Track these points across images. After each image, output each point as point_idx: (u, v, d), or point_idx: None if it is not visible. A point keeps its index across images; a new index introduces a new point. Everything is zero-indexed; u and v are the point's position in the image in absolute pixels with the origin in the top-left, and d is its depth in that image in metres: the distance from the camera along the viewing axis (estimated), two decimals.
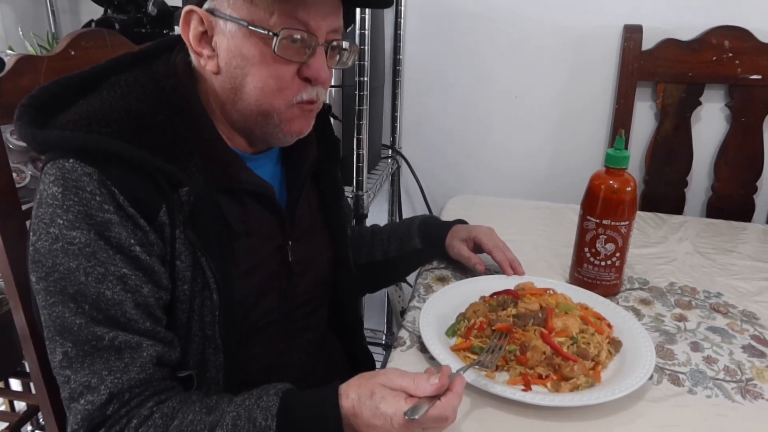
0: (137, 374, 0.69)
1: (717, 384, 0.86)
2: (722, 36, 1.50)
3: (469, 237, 1.11)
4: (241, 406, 0.69)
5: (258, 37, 0.73)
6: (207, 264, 0.73)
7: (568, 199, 1.57)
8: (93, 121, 0.69)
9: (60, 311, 0.68)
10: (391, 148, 1.78)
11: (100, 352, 0.68)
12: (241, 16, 0.73)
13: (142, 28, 1.49)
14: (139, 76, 0.78)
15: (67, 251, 0.67)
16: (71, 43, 1.00)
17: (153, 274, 0.71)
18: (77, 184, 0.67)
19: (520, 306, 0.93)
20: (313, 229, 0.94)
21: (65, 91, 0.75)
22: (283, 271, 0.87)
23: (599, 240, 1.04)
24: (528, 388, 0.81)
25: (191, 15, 0.75)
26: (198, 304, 0.75)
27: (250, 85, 0.75)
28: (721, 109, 1.59)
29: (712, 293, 1.12)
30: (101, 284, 0.68)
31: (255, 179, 0.82)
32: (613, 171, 1.03)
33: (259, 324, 0.85)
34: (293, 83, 0.76)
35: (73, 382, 0.68)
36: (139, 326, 0.70)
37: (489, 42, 1.67)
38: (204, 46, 0.76)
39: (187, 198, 0.72)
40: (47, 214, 0.68)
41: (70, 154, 0.68)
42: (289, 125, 0.79)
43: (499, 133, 1.76)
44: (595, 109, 1.66)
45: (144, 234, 0.70)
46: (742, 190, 1.60)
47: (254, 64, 0.74)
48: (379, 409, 0.67)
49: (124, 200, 0.68)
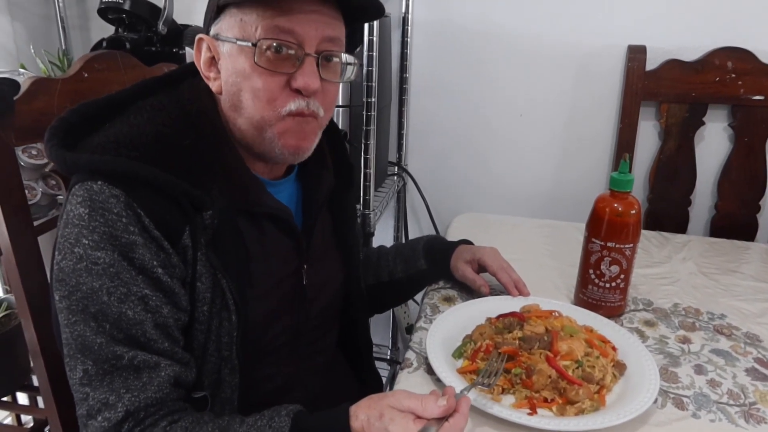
0: (154, 393, 0.70)
1: (720, 408, 0.87)
2: (725, 57, 1.51)
3: (474, 258, 1.12)
4: (253, 426, 0.71)
5: (247, 51, 0.76)
6: (227, 286, 0.75)
7: (572, 217, 1.57)
8: (121, 145, 0.71)
9: (81, 330, 0.70)
10: (397, 166, 1.80)
11: (120, 371, 0.70)
12: (233, 35, 0.76)
13: (152, 47, 1.51)
14: (165, 100, 0.80)
15: (91, 271, 0.69)
16: (85, 66, 1.02)
17: (173, 295, 0.73)
18: (104, 206, 0.69)
19: (526, 329, 0.94)
20: (327, 252, 0.96)
21: (93, 113, 0.77)
22: (297, 294, 0.89)
23: (604, 262, 1.05)
24: (534, 411, 0.81)
25: (201, 42, 0.80)
26: (216, 324, 0.76)
27: (245, 100, 0.77)
28: (724, 129, 1.60)
29: (715, 315, 1.13)
30: (123, 304, 0.69)
31: (275, 203, 0.83)
32: (617, 194, 1.04)
33: (272, 345, 0.86)
34: (282, 94, 0.77)
35: (92, 399, 0.70)
36: (158, 346, 0.72)
37: (494, 61, 1.69)
38: (211, 70, 0.80)
39: (210, 221, 0.74)
40: (73, 234, 0.70)
41: (98, 176, 0.70)
42: (283, 138, 0.79)
43: (505, 151, 1.77)
44: (599, 128, 1.68)
45: (167, 256, 0.72)
46: (745, 210, 1.61)
47: (245, 77, 0.76)
48: (388, 431, 0.68)
49: (150, 222, 0.70)
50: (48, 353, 0.97)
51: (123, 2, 1.44)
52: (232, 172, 0.79)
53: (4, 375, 1.42)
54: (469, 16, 1.67)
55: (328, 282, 0.95)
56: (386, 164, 1.73)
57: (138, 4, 1.46)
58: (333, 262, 0.97)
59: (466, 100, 1.75)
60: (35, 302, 0.94)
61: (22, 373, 1.48)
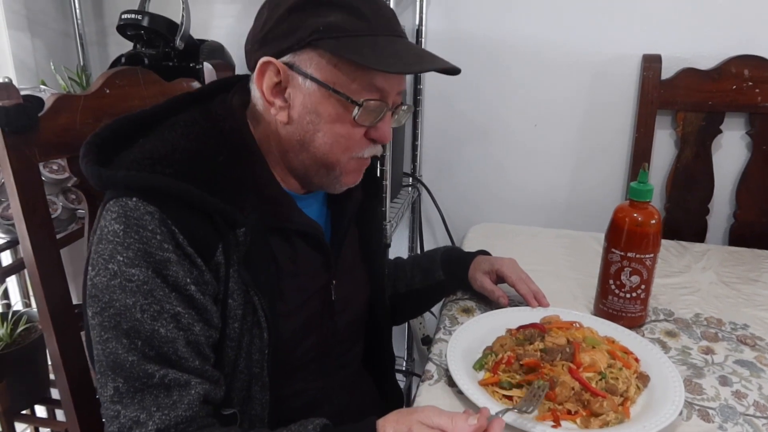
0: (184, 411, 0.70)
1: (747, 420, 0.86)
2: (741, 65, 1.50)
3: (492, 269, 1.12)
4: None
5: (337, 99, 0.76)
6: (259, 303, 0.75)
7: (589, 227, 1.57)
8: (156, 162, 0.72)
9: (113, 347, 0.70)
10: (411, 176, 1.80)
11: (150, 389, 0.70)
12: (323, 77, 0.75)
13: (169, 62, 1.53)
14: (197, 116, 0.80)
15: (125, 288, 0.69)
16: (106, 82, 1.04)
17: (205, 312, 0.73)
18: (139, 222, 0.69)
19: (547, 340, 0.93)
20: (354, 267, 0.96)
21: (127, 129, 0.78)
22: (325, 310, 0.89)
23: (624, 272, 1.04)
24: (558, 424, 0.81)
25: (268, 65, 0.77)
26: (247, 342, 0.76)
27: (320, 140, 0.78)
28: (741, 137, 1.59)
29: (738, 325, 1.11)
30: (156, 322, 0.70)
31: (306, 220, 0.84)
32: (636, 204, 1.03)
33: (301, 361, 0.87)
34: (360, 142, 0.80)
35: (123, 417, 0.69)
36: (189, 364, 0.72)
37: (507, 71, 1.69)
38: (277, 96, 0.79)
39: (243, 238, 0.74)
40: (107, 250, 0.70)
41: (133, 193, 0.70)
42: (347, 177, 0.83)
43: (520, 162, 1.77)
44: (615, 137, 1.67)
45: (200, 273, 0.72)
46: (765, 218, 1.59)
47: (328, 122, 0.77)
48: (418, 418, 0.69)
49: (183, 239, 0.70)
50: (70, 366, 0.97)
51: (142, 19, 1.46)
52: (264, 189, 0.79)
53: (24, 388, 1.43)
54: (483, 27, 1.67)
55: (354, 296, 0.96)
56: (401, 175, 1.74)
57: (156, 21, 1.47)
58: (359, 277, 0.98)
59: (480, 109, 1.75)
60: (58, 316, 0.95)
61: (41, 386, 1.49)
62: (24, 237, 0.90)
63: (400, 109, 0.84)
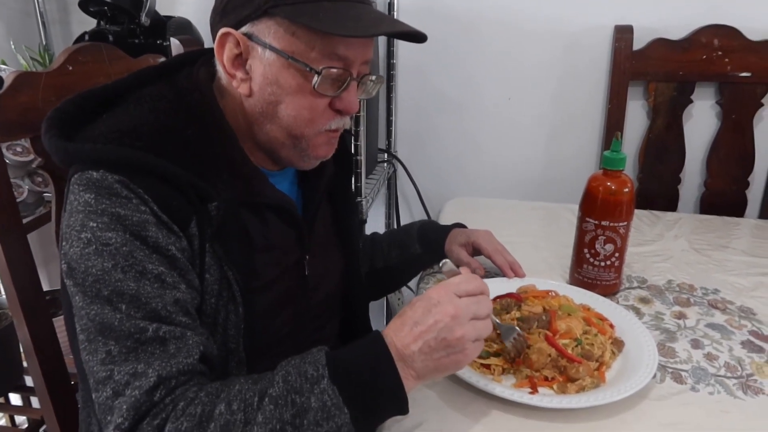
0: (185, 358, 0.66)
1: (719, 380, 0.88)
2: (711, 35, 1.52)
3: (468, 242, 1.12)
4: (288, 365, 0.68)
5: (297, 69, 0.74)
6: (233, 278, 0.74)
7: (564, 198, 1.58)
8: (124, 135, 0.69)
9: (98, 310, 0.66)
10: (386, 152, 1.79)
11: (144, 345, 0.65)
12: (281, 46, 0.73)
13: (135, 39, 1.49)
14: (164, 90, 0.78)
15: (102, 253, 0.66)
16: (69, 59, 1.00)
17: (187, 274, 0.71)
18: (110, 190, 0.67)
19: (524, 309, 0.94)
20: (327, 242, 0.95)
21: (90, 104, 0.75)
22: (299, 285, 0.88)
23: (598, 241, 1.05)
24: (535, 390, 0.82)
25: (227, 37, 0.75)
26: (222, 317, 0.75)
27: (283, 112, 0.77)
28: (711, 106, 1.61)
29: (709, 290, 1.14)
30: (139, 281, 0.66)
31: (278, 194, 0.83)
32: (610, 173, 1.04)
33: (275, 337, 0.86)
34: (324, 113, 0.78)
35: (117, 373, 0.64)
36: (180, 319, 0.68)
37: (481, 44, 1.68)
38: (237, 68, 0.77)
39: (215, 213, 0.73)
40: (78, 220, 0.68)
41: (99, 166, 0.68)
42: (315, 151, 0.81)
43: (494, 135, 1.77)
44: (588, 108, 1.68)
45: (177, 238, 0.70)
46: (735, 186, 1.62)
47: (290, 93, 0.75)
48: (417, 301, 0.70)
49: (158, 208, 0.68)
50: (42, 353, 0.95)
51: None
52: (234, 164, 0.78)
53: None
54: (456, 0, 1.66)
55: (329, 272, 0.95)
56: (376, 151, 1.72)
57: None
58: (333, 252, 0.97)
59: (454, 84, 1.74)
60: (27, 302, 0.93)
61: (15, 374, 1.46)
62: None
63: (367, 79, 0.82)
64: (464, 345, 0.68)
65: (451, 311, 0.68)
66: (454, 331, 0.67)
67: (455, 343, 0.68)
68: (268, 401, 0.64)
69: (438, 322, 0.68)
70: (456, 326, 0.68)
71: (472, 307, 0.70)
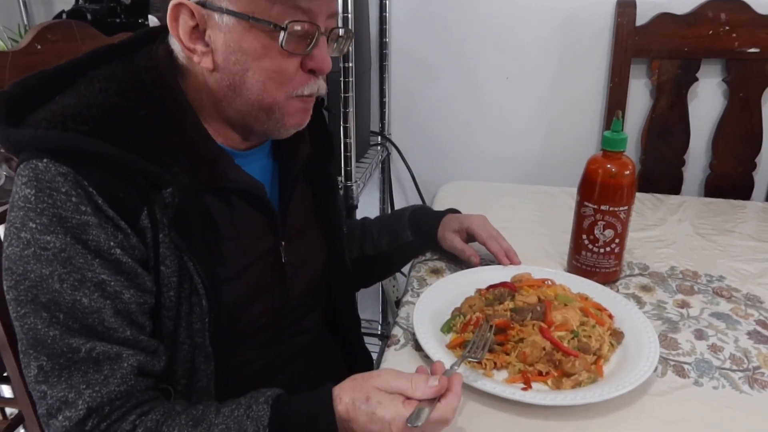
0: (117, 386, 0.65)
1: (723, 374, 0.83)
2: (718, 9, 1.45)
3: (462, 228, 1.07)
4: (229, 417, 0.66)
5: (260, 29, 0.68)
6: (194, 269, 0.69)
7: (563, 182, 1.53)
8: (68, 118, 0.65)
9: (32, 322, 0.64)
10: (380, 135, 1.74)
11: (77, 364, 0.64)
12: (239, 8, 0.68)
13: (116, 18, 1.43)
14: (119, 69, 0.73)
15: (40, 257, 0.63)
16: (37, 36, 0.95)
17: (135, 277, 0.67)
18: (51, 185, 0.63)
19: (518, 299, 0.90)
20: (307, 227, 0.90)
21: (40, 86, 0.70)
22: (275, 273, 0.83)
23: (597, 226, 1.00)
24: (528, 386, 0.78)
25: (180, 8, 0.69)
26: (185, 310, 0.71)
27: (252, 80, 0.71)
28: (718, 84, 1.54)
29: (714, 277, 1.09)
30: (77, 291, 0.64)
31: (244, 177, 0.77)
32: (610, 154, 0.99)
33: (250, 329, 0.81)
34: (296, 75, 0.73)
35: (50, 397, 0.64)
36: (119, 335, 0.66)
37: (477, 22, 1.62)
38: (196, 42, 0.71)
39: (171, 200, 0.68)
40: (19, 218, 0.64)
41: (44, 154, 0.64)
42: (290, 118, 0.76)
43: (491, 116, 1.71)
44: (589, 88, 1.62)
45: (125, 236, 0.66)
46: (741, 168, 1.56)
47: (256, 58, 0.70)
48: (375, 414, 0.64)
49: (103, 202, 0.64)
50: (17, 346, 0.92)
51: None
52: (194, 145, 0.72)
53: None
54: None
55: (309, 259, 0.90)
56: (368, 134, 1.67)
57: None
58: (314, 238, 0.92)
59: (450, 64, 1.68)
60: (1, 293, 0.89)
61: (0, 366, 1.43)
62: None
63: (336, 33, 0.76)
64: None
65: None
66: None
67: None
68: None
69: None
70: None
71: None
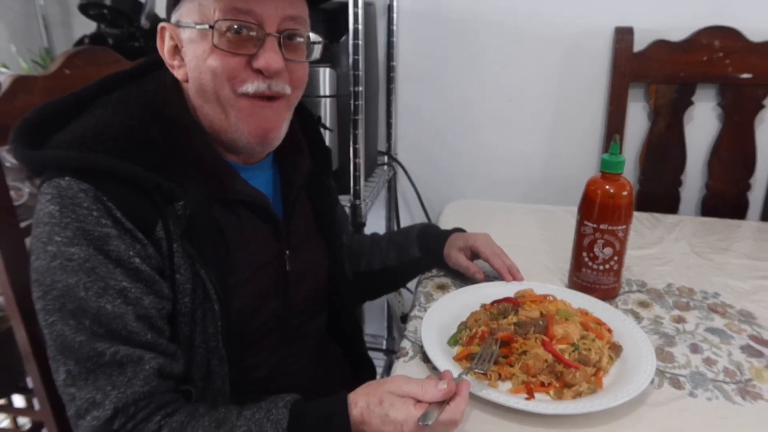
0: (141, 387, 0.69)
1: (717, 386, 0.87)
2: (712, 36, 1.51)
3: (467, 246, 1.12)
4: (251, 420, 0.70)
5: (206, 34, 0.76)
6: (207, 276, 0.74)
7: (564, 201, 1.57)
8: (87, 140, 0.71)
9: (60, 329, 0.69)
10: (387, 155, 1.79)
11: (102, 368, 0.69)
12: (193, 20, 0.76)
13: (135, 42, 1.49)
14: (130, 93, 0.80)
15: (66, 268, 0.68)
16: (66, 62, 1.01)
17: (154, 284, 0.72)
18: (74, 201, 0.68)
19: (521, 314, 0.94)
20: (310, 238, 0.96)
21: (58, 111, 0.76)
22: (280, 280, 0.88)
23: (597, 244, 1.04)
24: (531, 396, 0.81)
25: (164, 31, 0.80)
26: (200, 316, 0.76)
27: (205, 81, 0.77)
28: (713, 108, 1.60)
29: (709, 293, 1.13)
30: (101, 298, 0.69)
31: (250, 190, 0.83)
32: (608, 176, 1.03)
33: (258, 333, 0.86)
34: (243, 73, 0.77)
35: (78, 399, 0.69)
36: (141, 338, 0.71)
37: (481, 46, 1.68)
38: (175, 58, 0.80)
39: (183, 212, 0.73)
40: (45, 233, 0.69)
41: (65, 173, 0.69)
42: (247, 123, 0.79)
43: (494, 137, 1.77)
44: (589, 110, 1.67)
45: (142, 246, 0.71)
46: (736, 188, 1.61)
47: (204, 59, 0.76)
48: (388, 416, 0.69)
49: (121, 215, 0.69)
50: (41, 355, 0.95)
51: None
52: (202, 160, 0.78)
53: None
54: (455, 2, 1.65)
55: (312, 267, 0.95)
56: (376, 154, 1.73)
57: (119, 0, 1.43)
58: (317, 248, 0.97)
59: (454, 86, 1.74)
60: (25, 304, 0.92)
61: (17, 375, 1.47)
62: None
63: (294, 36, 0.79)
64: None
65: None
66: None
67: None
68: None
69: None
70: None
71: None
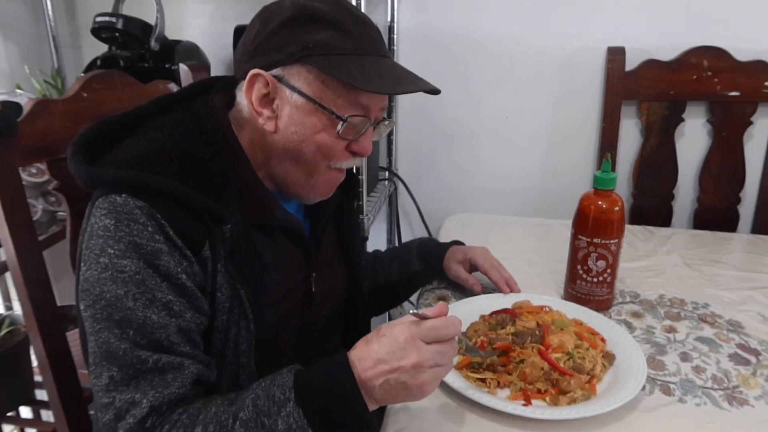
0: (177, 389, 0.72)
1: (705, 392, 0.91)
2: (701, 56, 1.57)
3: (465, 258, 1.16)
4: (258, 388, 0.73)
5: (323, 113, 0.80)
6: (245, 296, 0.78)
7: (561, 214, 1.61)
8: (145, 160, 0.74)
9: (106, 337, 0.71)
10: (388, 170, 1.84)
11: (144, 374, 0.71)
12: (310, 92, 0.79)
13: (144, 63, 1.54)
14: (181, 117, 0.83)
15: (117, 279, 0.71)
16: (84, 86, 1.05)
17: (196, 300, 0.75)
18: (129, 217, 0.72)
19: (518, 324, 0.98)
20: (332, 261, 1.00)
21: (112, 130, 0.80)
22: (305, 301, 0.93)
23: (591, 258, 1.09)
24: (528, 402, 0.85)
25: (257, 78, 0.81)
26: (234, 333, 0.79)
27: (305, 149, 0.82)
28: (703, 124, 1.65)
29: (699, 304, 1.17)
30: (148, 309, 0.71)
31: (288, 216, 0.88)
32: (601, 192, 1.08)
33: (283, 350, 0.90)
34: (341, 154, 0.84)
35: (118, 401, 0.70)
36: (181, 349, 0.73)
37: (478, 66, 1.74)
38: (265, 107, 0.82)
39: (229, 234, 0.77)
40: (98, 245, 0.72)
41: (122, 190, 0.73)
42: (323, 187, 0.88)
43: (492, 153, 1.82)
44: (583, 127, 1.73)
45: (189, 264, 0.75)
46: (726, 202, 1.66)
47: (314, 133, 0.81)
48: (386, 336, 0.73)
49: (173, 233, 0.73)
50: (57, 367, 0.99)
51: (116, 21, 1.47)
52: (247, 187, 0.82)
53: (9, 390, 1.44)
54: (453, 23, 1.71)
55: (333, 287, 1.00)
56: (377, 169, 1.77)
57: (131, 23, 1.49)
58: (338, 270, 1.02)
59: (453, 104, 1.79)
60: (43, 317, 0.96)
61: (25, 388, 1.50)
62: (6, 239, 0.91)
63: (381, 124, 0.88)
64: (423, 388, 0.72)
65: (414, 360, 0.71)
66: (415, 377, 0.71)
67: (415, 387, 0.71)
68: (239, 425, 0.68)
69: (401, 367, 0.71)
70: (418, 374, 0.71)
71: (436, 357, 0.72)
